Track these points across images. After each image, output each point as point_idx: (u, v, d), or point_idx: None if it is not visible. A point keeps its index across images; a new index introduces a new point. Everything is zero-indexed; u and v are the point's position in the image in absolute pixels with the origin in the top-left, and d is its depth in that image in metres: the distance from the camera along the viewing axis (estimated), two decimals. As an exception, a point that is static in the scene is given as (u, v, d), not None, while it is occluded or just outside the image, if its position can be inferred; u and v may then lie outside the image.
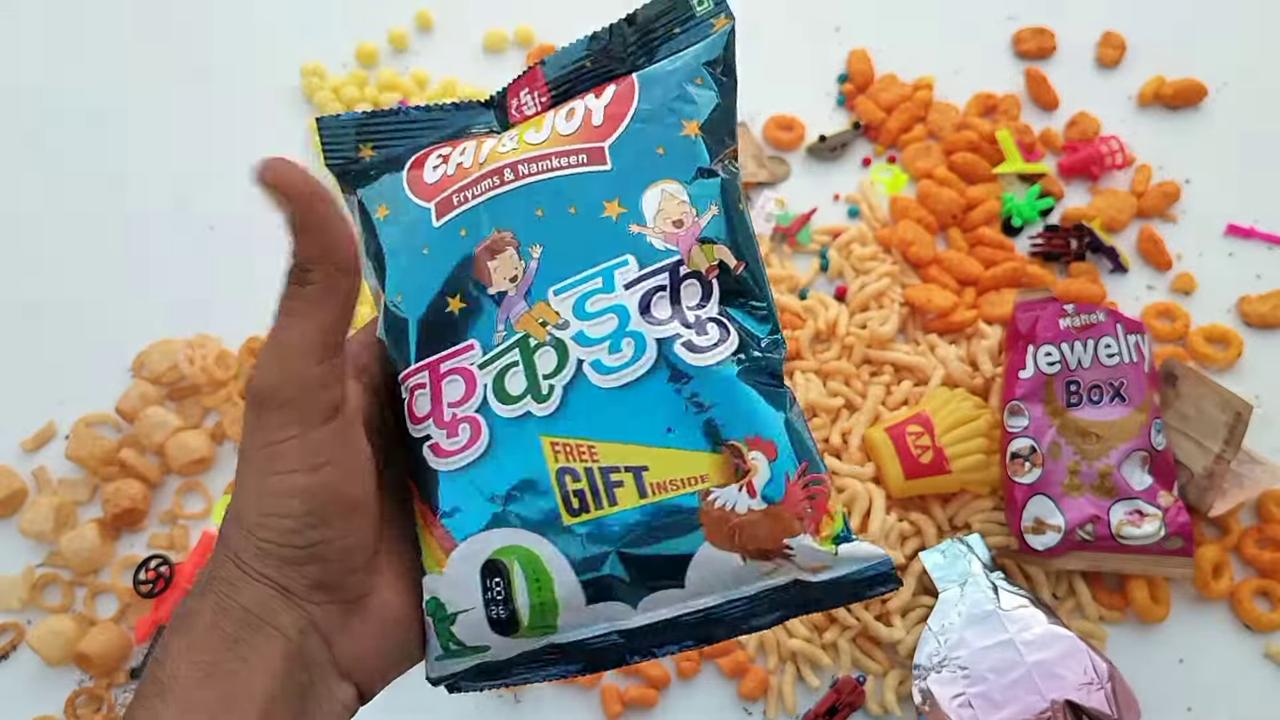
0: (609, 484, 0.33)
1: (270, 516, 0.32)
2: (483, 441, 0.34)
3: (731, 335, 0.34)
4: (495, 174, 0.36)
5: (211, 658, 0.32)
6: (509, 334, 0.34)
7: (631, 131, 0.35)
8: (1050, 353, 0.66)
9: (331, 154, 0.39)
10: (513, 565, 0.34)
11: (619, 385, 0.33)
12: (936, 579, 0.63)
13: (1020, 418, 0.65)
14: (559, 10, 0.88)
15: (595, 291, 0.34)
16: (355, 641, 0.34)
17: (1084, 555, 0.64)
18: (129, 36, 0.89)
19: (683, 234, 0.35)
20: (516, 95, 0.38)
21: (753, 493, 0.32)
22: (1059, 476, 0.64)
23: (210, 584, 0.33)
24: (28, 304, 0.78)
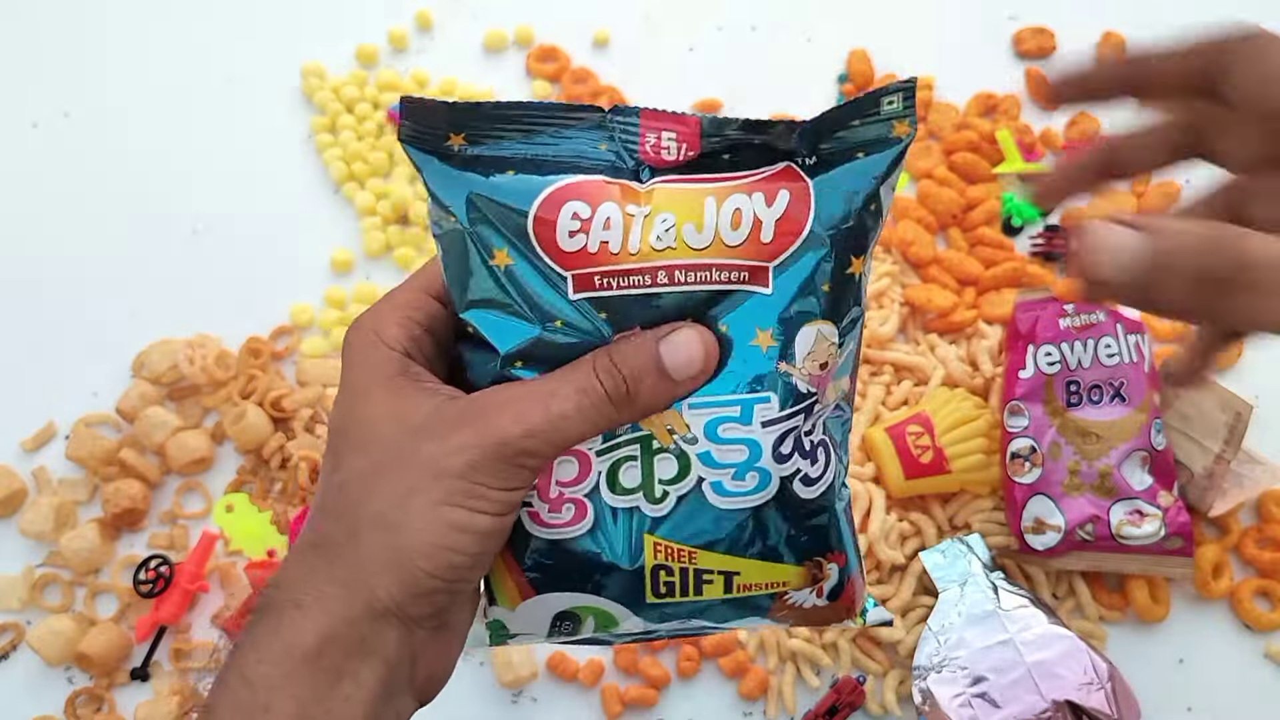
0: (699, 581, 0.35)
1: (444, 550, 0.31)
2: (586, 523, 0.35)
3: (833, 461, 0.36)
4: (649, 273, 0.33)
5: (311, 693, 0.30)
6: (633, 428, 0.34)
7: (800, 260, 0.34)
8: (1050, 353, 0.66)
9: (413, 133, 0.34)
10: (585, 618, 0.36)
11: (731, 507, 0.34)
12: (936, 579, 0.63)
13: (1020, 418, 0.65)
14: (559, 10, 0.88)
15: (731, 419, 0.34)
16: (435, 659, 0.35)
17: (1084, 555, 0.64)
18: (128, 36, 0.89)
19: (824, 376, 0.35)
20: (657, 131, 0.34)
21: (820, 594, 0.36)
22: (1059, 476, 0.64)
23: (317, 599, 0.31)
24: (28, 304, 0.78)
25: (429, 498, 0.31)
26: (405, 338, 0.35)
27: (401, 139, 0.34)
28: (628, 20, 0.88)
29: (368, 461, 0.33)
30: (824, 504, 0.36)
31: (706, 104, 0.84)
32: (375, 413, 0.33)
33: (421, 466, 0.32)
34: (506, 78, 0.86)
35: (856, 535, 0.38)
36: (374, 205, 0.80)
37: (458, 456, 0.32)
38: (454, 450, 0.32)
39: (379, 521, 0.32)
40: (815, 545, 0.36)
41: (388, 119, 0.84)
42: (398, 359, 0.34)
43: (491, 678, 0.66)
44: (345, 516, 0.32)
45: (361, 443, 0.33)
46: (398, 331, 0.35)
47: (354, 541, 0.32)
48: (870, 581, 0.66)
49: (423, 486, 0.31)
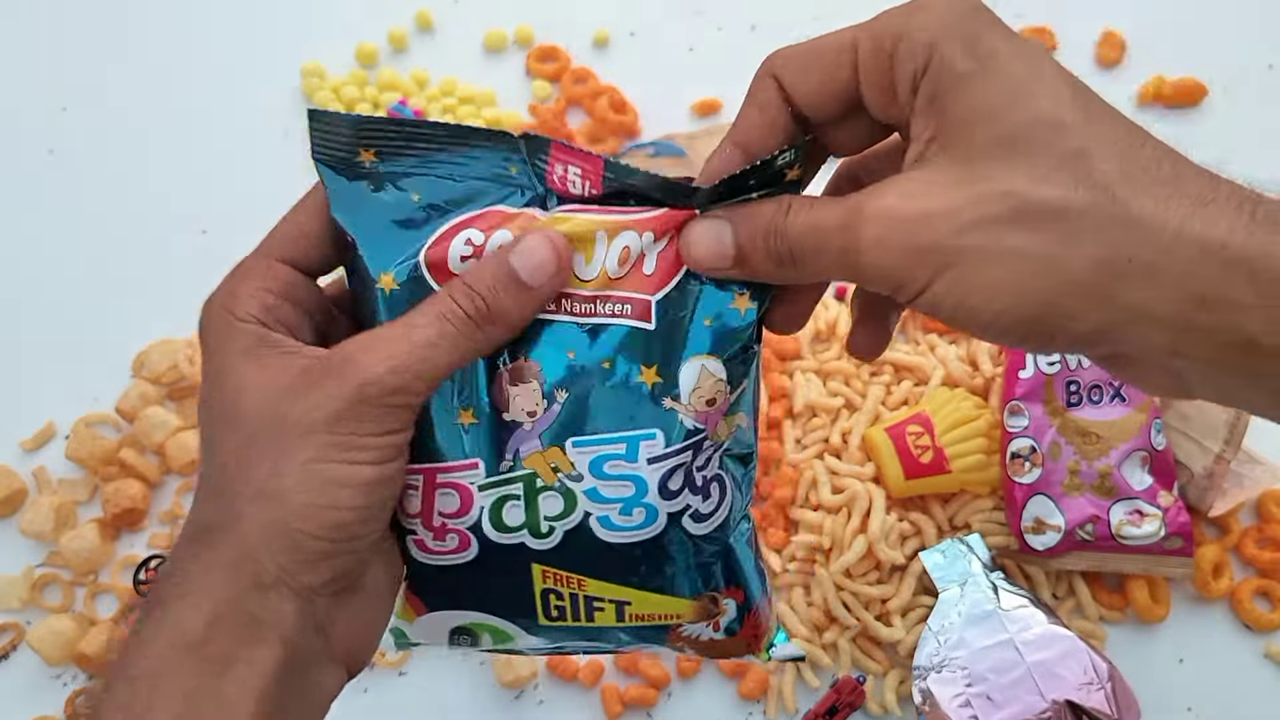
0: (590, 608, 0.35)
1: (325, 509, 0.30)
2: (470, 553, 0.34)
3: (729, 496, 0.36)
4: None
5: (198, 683, 0.29)
6: (516, 466, 0.34)
7: (682, 291, 0.34)
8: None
9: (322, 148, 0.35)
10: (481, 633, 0.36)
11: (619, 541, 0.34)
12: (936, 579, 0.63)
13: (1020, 418, 0.65)
14: (559, 10, 0.88)
15: (617, 456, 0.34)
16: (350, 624, 0.33)
17: (1084, 555, 0.64)
18: (128, 36, 0.88)
19: (713, 413, 0.35)
20: (565, 164, 0.34)
21: (717, 628, 0.36)
22: (1059, 476, 0.64)
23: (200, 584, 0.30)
24: (28, 304, 0.78)
25: (302, 458, 0.30)
26: (259, 308, 0.33)
27: (314, 157, 0.34)
28: (628, 20, 0.88)
29: (239, 436, 0.31)
30: (717, 539, 0.36)
31: (706, 104, 0.84)
32: (239, 385, 0.32)
33: (290, 429, 0.30)
34: (506, 78, 0.86)
35: (762, 569, 0.38)
36: (374, 205, 0.80)
37: (324, 409, 0.30)
38: (319, 404, 0.31)
39: (257, 494, 0.30)
40: (708, 580, 0.36)
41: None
42: (254, 329, 0.33)
43: (491, 678, 0.66)
44: (224, 496, 0.31)
45: (230, 420, 0.32)
46: (250, 304, 0.34)
47: (235, 520, 0.30)
48: (870, 582, 0.66)
49: (295, 448, 0.30)
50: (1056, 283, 0.29)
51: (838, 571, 0.65)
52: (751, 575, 0.37)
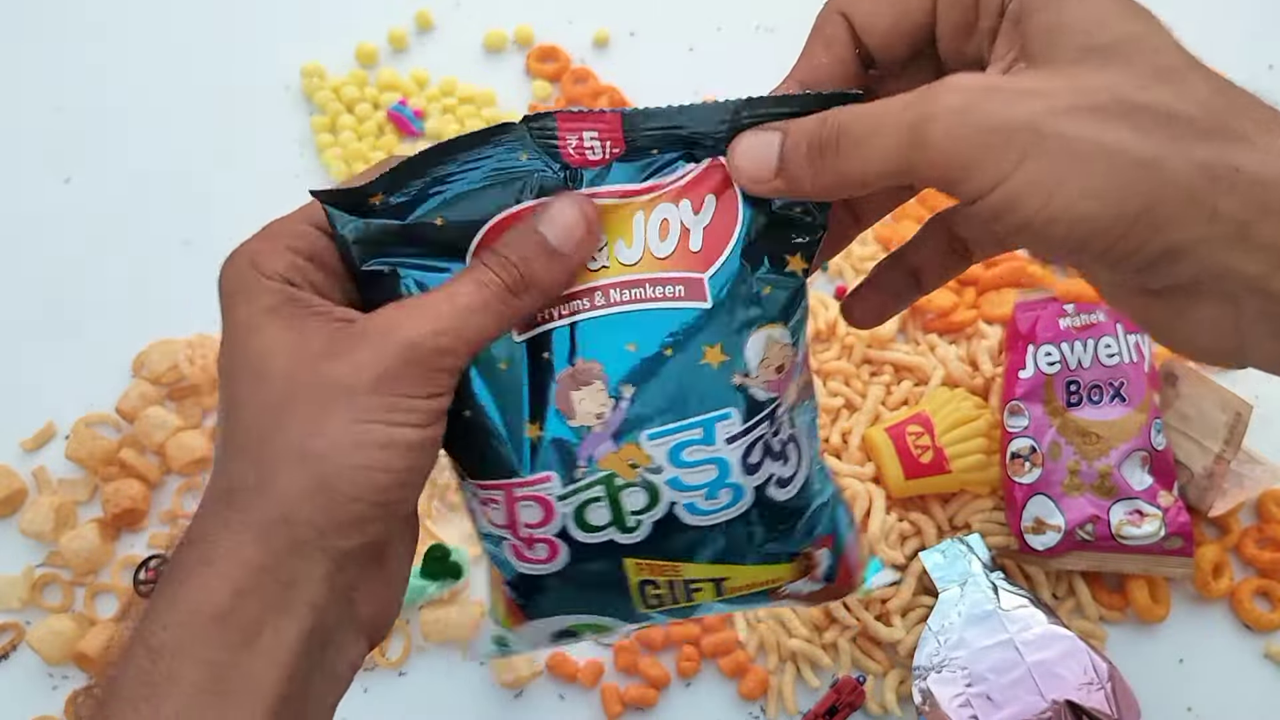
0: (689, 591, 0.35)
1: (365, 469, 0.29)
2: (561, 559, 0.34)
3: (804, 453, 0.35)
4: (585, 295, 0.33)
5: (223, 656, 0.28)
6: (591, 470, 0.33)
7: (733, 266, 0.33)
8: (1050, 353, 0.66)
9: (336, 205, 0.33)
10: (583, 631, 0.36)
11: (711, 524, 0.34)
12: (936, 579, 0.63)
13: (1020, 418, 0.65)
14: (559, 10, 0.88)
15: (695, 442, 0.33)
16: (377, 594, 0.33)
17: (1084, 555, 0.64)
18: (128, 36, 0.89)
19: (783, 379, 0.34)
20: (578, 133, 0.32)
21: (815, 579, 0.36)
22: (1059, 476, 0.64)
23: (227, 548, 0.29)
24: (28, 304, 0.78)
25: (345, 418, 0.29)
26: (286, 266, 0.32)
27: (331, 225, 0.33)
28: (628, 20, 0.88)
29: (271, 395, 0.30)
30: (803, 500, 0.35)
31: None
32: (268, 345, 0.30)
33: (331, 389, 0.29)
34: (506, 78, 0.86)
35: (848, 507, 0.37)
36: (374, 205, 0.80)
37: (369, 370, 0.30)
38: (364, 365, 0.30)
39: (294, 453, 0.29)
40: (801, 540, 0.35)
41: (388, 119, 0.84)
42: (280, 288, 0.32)
43: (491, 678, 0.66)
44: (255, 456, 0.30)
45: (259, 377, 0.30)
46: (277, 262, 0.32)
47: (269, 481, 0.29)
48: (870, 581, 0.66)
49: (337, 408, 0.29)
50: (1158, 184, 0.26)
51: (838, 571, 0.65)
52: (838, 519, 0.37)
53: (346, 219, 0.33)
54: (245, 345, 0.31)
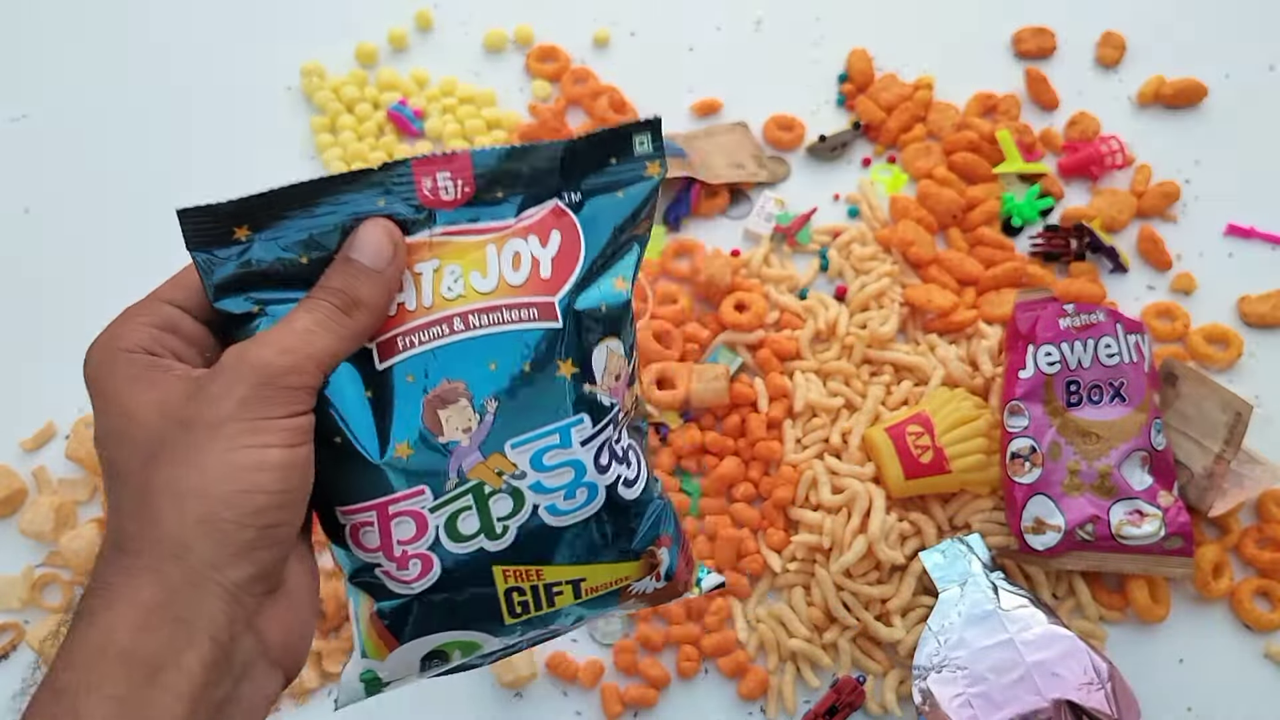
0: (551, 594, 0.38)
1: (242, 493, 0.31)
2: (434, 574, 0.36)
3: (642, 460, 0.40)
4: (445, 322, 0.36)
5: (125, 691, 0.28)
6: (461, 482, 0.36)
7: (580, 289, 0.37)
8: (1050, 353, 0.66)
9: (196, 238, 0.36)
10: (452, 651, 0.38)
11: (567, 524, 0.37)
12: (936, 579, 0.63)
13: (1020, 418, 0.65)
14: (559, 10, 0.88)
15: (553, 447, 0.36)
16: (282, 627, 0.33)
17: (1084, 555, 0.64)
18: (128, 36, 0.89)
19: (620, 386, 0.38)
20: (431, 175, 0.36)
21: (658, 577, 0.40)
22: (1059, 476, 0.64)
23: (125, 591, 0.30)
24: (28, 304, 0.78)
25: (215, 450, 0.31)
26: (144, 338, 0.34)
27: (188, 248, 0.35)
28: (628, 20, 0.88)
29: (143, 448, 0.32)
30: (645, 498, 0.39)
31: (706, 104, 0.84)
32: (133, 408, 0.33)
33: (196, 426, 0.31)
34: (506, 78, 0.86)
35: (677, 514, 0.41)
36: (374, 205, 0.80)
37: (228, 400, 0.31)
38: (222, 396, 0.32)
39: (173, 492, 0.31)
40: (646, 537, 0.39)
41: (388, 119, 0.84)
42: (140, 357, 0.34)
43: (491, 678, 0.66)
44: (139, 504, 0.31)
45: (130, 438, 0.32)
46: (136, 336, 0.34)
47: (155, 523, 0.30)
48: (870, 582, 0.66)
49: (203, 443, 0.31)
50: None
51: (838, 571, 0.65)
52: (674, 521, 0.41)
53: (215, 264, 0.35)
54: (113, 414, 0.33)
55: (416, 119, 0.83)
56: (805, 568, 0.67)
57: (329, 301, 0.34)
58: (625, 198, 0.38)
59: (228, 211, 0.35)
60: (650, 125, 0.38)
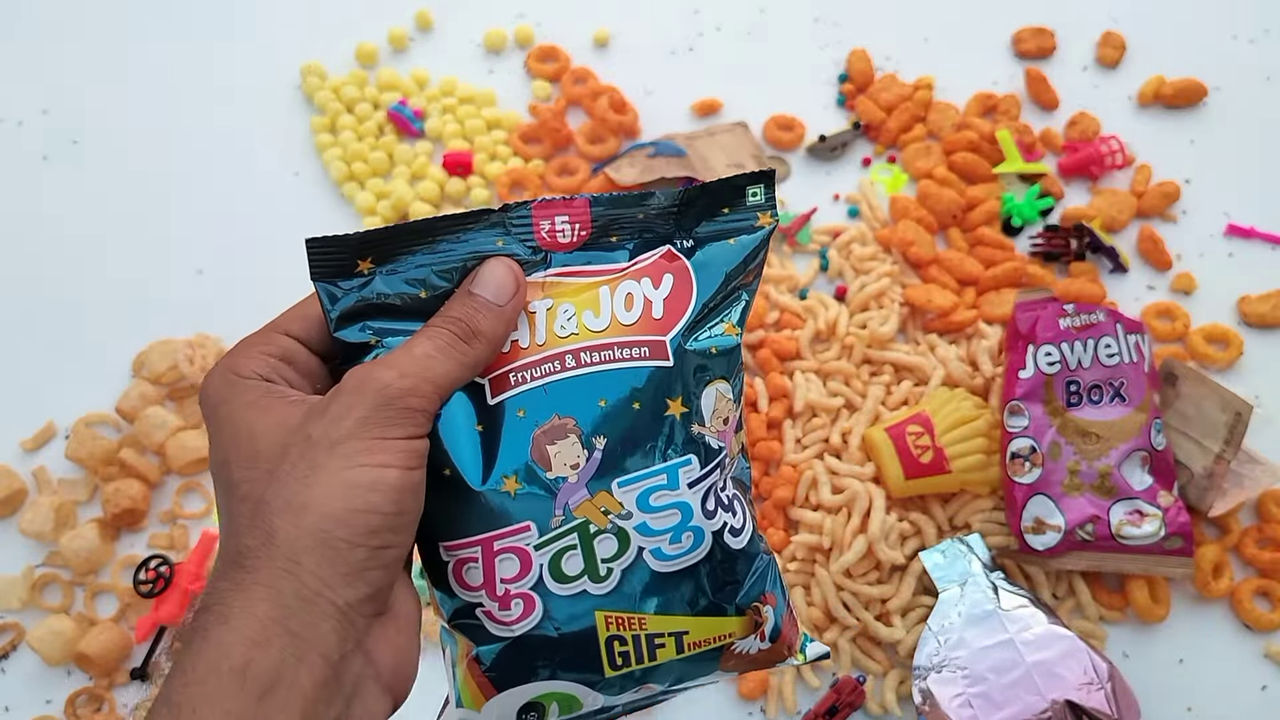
0: (653, 646, 0.37)
1: (356, 512, 0.31)
2: (536, 615, 0.36)
3: (748, 511, 0.39)
4: (557, 359, 0.36)
5: (240, 707, 0.29)
6: (567, 519, 0.36)
7: (691, 331, 0.37)
8: (1050, 353, 0.66)
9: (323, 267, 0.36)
10: (549, 705, 0.37)
11: (672, 570, 0.36)
12: (936, 579, 0.63)
13: (1020, 418, 0.65)
14: (559, 10, 0.88)
15: (660, 487, 0.36)
16: (390, 649, 0.34)
17: (1084, 555, 0.64)
18: (128, 36, 0.89)
19: (728, 430, 0.38)
20: (550, 218, 0.37)
21: (763, 637, 0.38)
22: (1059, 476, 0.64)
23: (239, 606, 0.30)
24: (28, 304, 0.78)
25: (333, 467, 0.32)
26: (261, 367, 0.35)
27: (313, 279, 0.36)
28: (628, 20, 0.88)
29: (263, 464, 0.33)
30: (751, 551, 0.38)
31: (706, 104, 0.84)
32: (255, 429, 0.33)
33: (316, 444, 0.32)
34: (506, 78, 0.86)
35: (782, 576, 0.41)
36: (374, 205, 0.80)
37: (348, 419, 0.32)
38: (342, 416, 0.32)
39: (291, 507, 0.31)
40: (751, 592, 0.38)
41: (388, 119, 0.84)
42: (256, 384, 0.35)
43: (491, 678, 0.66)
44: (256, 519, 0.32)
45: (251, 456, 0.33)
46: (253, 364, 0.35)
47: (271, 537, 0.31)
48: (870, 582, 0.66)
49: (321, 461, 0.32)
50: None
51: (838, 571, 0.65)
52: (779, 581, 0.40)
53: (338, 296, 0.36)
54: (234, 435, 0.34)
55: (416, 119, 0.83)
56: (805, 568, 0.67)
57: (449, 330, 0.35)
58: (737, 245, 0.38)
59: (354, 244, 0.36)
60: (764, 177, 0.38)
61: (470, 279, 0.36)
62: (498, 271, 0.36)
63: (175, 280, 0.78)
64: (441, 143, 0.83)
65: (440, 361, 0.34)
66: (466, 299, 0.35)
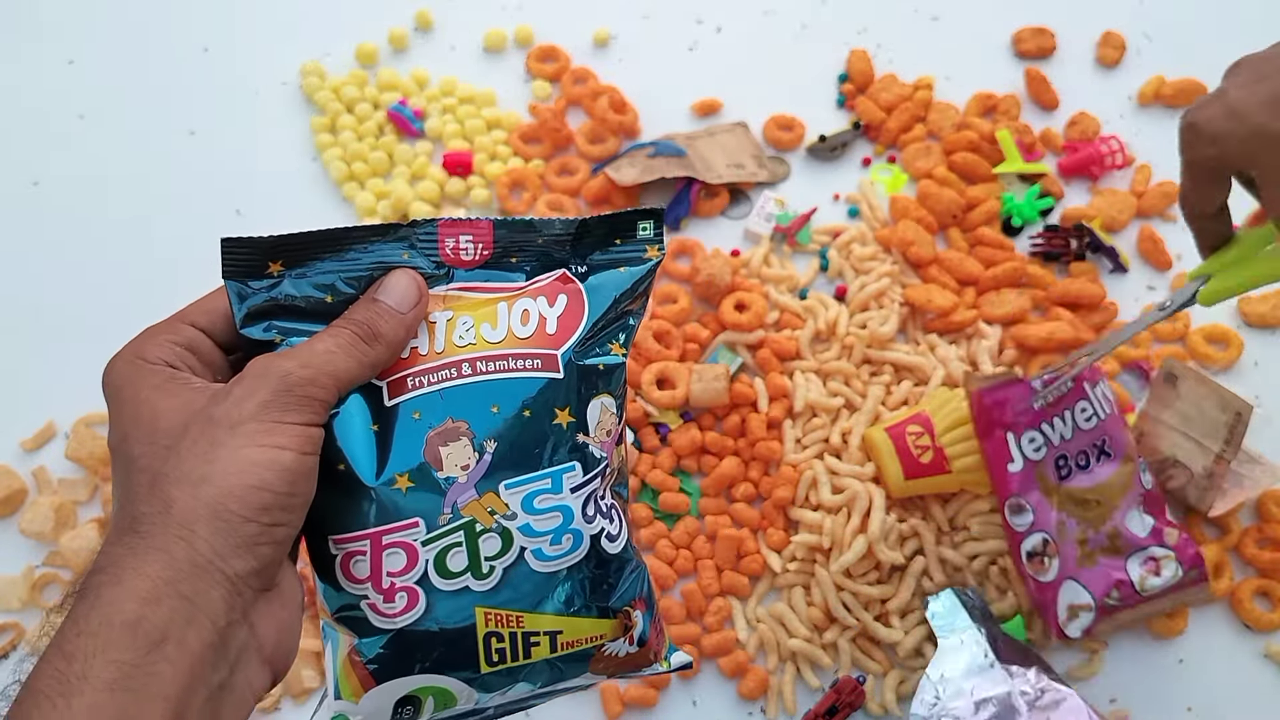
0: (528, 644, 0.39)
1: (251, 488, 0.33)
2: (419, 609, 0.38)
3: (624, 520, 0.41)
4: (454, 366, 0.38)
5: (131, 657, 0.30)
6: (455, 517, 0.38)
7: (581, 347, 0.40)
8: (1034, 438, 0.64)
9: (234, 266, 0.38)
10: (425, 699, 0.39)
11: (551, 570, 0.39)
12: (937, 628, 0.62)
13: (1024, 515, 0.64)
14: (559, 10, 0.88)
15: (545, 490, 0.38)
16: (274, 624, 0.35)
17: (1116, 619, 0.63)
18: (128, 36, 0.89)
19: (610, 442, 0.40)
20: (455, 236, 0.40)
21: (631, 641, 0.41)
22: (1071, 553, 0.63)
23: (132, 567, 0.32)
24: (28, 304, 0.78)
25: (231, 445, 0.33)
26: (167, 354, 0.37)
27: (224, 276, 0.38)
28: (628, 20, 0.88)
29: (164, 440, 0.34)
30: (626, 556, 0.41)
31: (706, 104, 0.84)
32: (158, 410, 0.35)
33: (218, 423, 0.34)
34: (506, 78, 0.86)
35: (652, 582, 0.43)
36: (374, 205, 0.80)
37: (248, 402, 0.34)
38: (242, 399, 0.34)
39: (186, 480, 0.33)
40: (624, 596, 0.40)
41: (388, 119, 0.84)
42: (163, 369, 0.36)
43: (491, 678, 0.66)
44: (153, 490, 0.33)
45: (152, 434, 0.35)
46: (159, 350, 0.37)
47: (169, 506, 0.33)
48: (870, 582, 0.66)
49: (222, 439, 0.33)
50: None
51: (838, 571, 0.65)
52: (649, 587, 0.42)
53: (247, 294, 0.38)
54: (135, 415, 0.35)
55: (416, 119, 0.83)
56: (805, 568, 0.67)
57: (351, 330, 0.37)
58: (626, 274, 0.41)
59: (266, 246, 0.38)
60: (653, 214, 0.41)
61: (375, 287, 0.38)
62: (402, 281, 0.38)
63: (175, 280, 0.78)
64: (441, 143, 0.83)
65: (341, 358, 0.36)
66: (370, 304, 0.38)
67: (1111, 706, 0.65)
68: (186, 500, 0.32)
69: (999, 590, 0.67)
